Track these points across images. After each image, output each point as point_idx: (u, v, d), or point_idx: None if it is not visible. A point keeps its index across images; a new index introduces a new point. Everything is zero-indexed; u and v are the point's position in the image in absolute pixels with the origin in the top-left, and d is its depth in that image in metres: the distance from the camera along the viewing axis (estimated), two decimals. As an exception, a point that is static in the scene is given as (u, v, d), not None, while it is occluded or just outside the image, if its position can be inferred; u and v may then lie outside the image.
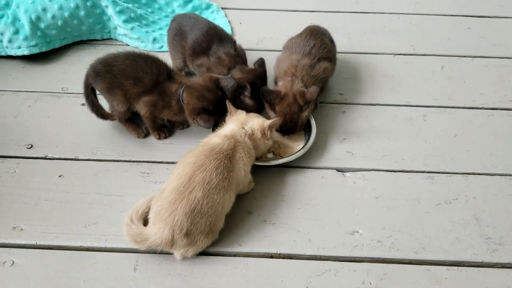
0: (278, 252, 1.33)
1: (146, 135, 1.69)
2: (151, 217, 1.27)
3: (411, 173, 1.56)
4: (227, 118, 1.50)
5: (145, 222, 1.30)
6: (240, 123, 1.44)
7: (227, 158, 1.31)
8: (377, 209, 1.44)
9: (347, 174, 1.55)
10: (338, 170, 1.57)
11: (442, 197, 1.47)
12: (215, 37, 1.70)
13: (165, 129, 1.68)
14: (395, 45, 2.14)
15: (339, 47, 1.94)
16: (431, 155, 1.61)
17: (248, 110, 1.54)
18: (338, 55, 1.93)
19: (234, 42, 1.75)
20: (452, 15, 2.34)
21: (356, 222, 1.41)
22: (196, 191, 1.23)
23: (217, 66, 1.66)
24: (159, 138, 1.67)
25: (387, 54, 2.09)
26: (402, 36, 2.20)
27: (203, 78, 1.56)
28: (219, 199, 1.26)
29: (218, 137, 1.38)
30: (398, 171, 1.56)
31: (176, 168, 1.31)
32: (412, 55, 2.09)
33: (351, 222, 1.41)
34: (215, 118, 1.53)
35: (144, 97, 1.55)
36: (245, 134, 1.41)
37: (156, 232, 1.23)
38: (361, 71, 1.99)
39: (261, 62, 1.68)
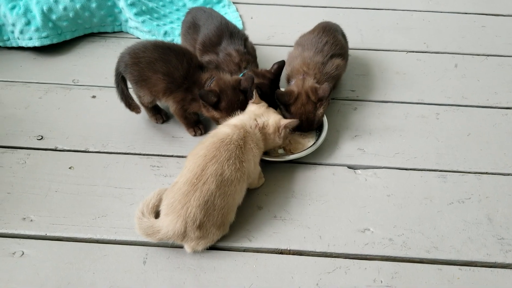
0: (288, 248, 1.32)
1: (164, 121, 1.69)
2: (163, 209, 1.26)
3: (423, 171, 1.54)
4: (250, 103, 1.49)
5: (156, 215, 1.30)
6: (254, 115, 1.43)
7: (238, 148, 1.30)
8: (389, 207, 1.43)
9: (359, 171, 1.54)
10: (350, 167, 1.55)
11: (455, 196, 1.46)
12: (226, 33, 1.69)
13: (201, 125, 1.66)
14: (408, 42, 2.12)
15: (351, 43, 1.92)
16: (444, 154, 1.59)
17: None
18: (350, 52, 1.92)
19: (245, 39, 1.73)
20: (466, 13, 2.31)
21: (367, 219, 1.39)
22: (209, 182, 1.22)
23: (227, 63, 1.64)
24: (195, 135, 1.65)
25: (400, 51, 2.07)
26: (415, 34, 2.18)
27: (233, 77, 1.54)
28: (231, 190, 1.26)
29: (228, 127, 1.37)
30: (410, 169, 1.55)
31: (187, 161, 1.31)
32: (425, 52, 2.06)
33: (362, 220, 1.39)
34: (224, 118, 1.50)
35: (174, 93, 1.53)
36: (256, 126, 1.40)
37: (169, 224, 1.22)
38: (374, 68, 1.97)
39: (281, 65, 1.63)
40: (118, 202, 1.43)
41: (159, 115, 1.68)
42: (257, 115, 1.44)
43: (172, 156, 1.58)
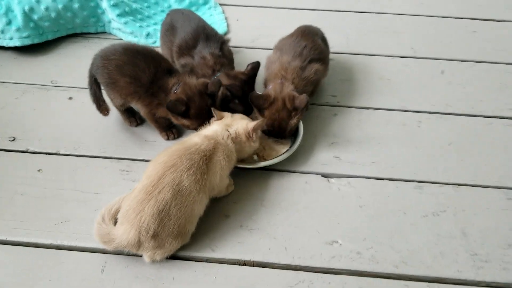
0: (252, 260, 1.27)
1: (138, 124, 1.67)
2: (119, 217, 1.23)
3: (399, 181, 1.49)
4: (213, 121, 1.45)
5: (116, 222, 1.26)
6: (225, 125, 1.39)
7: (202, 159, 1.26)
8: (360, 218, 1.38)
9: (332, 180, 1.49)
10: (323, 175, 1.51)
11: (430, 209, 1.40)
12: (202, 36, 1.65)
13: (174, 130, 1.62)
14: (395, 47, 2.06)
15: (337, 47, 1.88)
16: (422, 164, 1.54)
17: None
18: (334, 56, 1.88)
19: (222, 42, 1.69)
20: (457, 18, 2.25)
21: (337, 231, 1.34)
22: (165, 191, 1.19)
23: (201, 66, 1.61)
24: (168, 139, 1.62)
25: (386, 56, 2.02)
26: (403, 38, 2.12)
27: (199, 81, 1.50)
28: (189, 201, 1.21)
29: (198, 137, 1.34)
30: (386, 179, 1.50)
31: (148, 167, 1.27)
32: (412, 58, 2.01)
33: (331, 231, 1.34)
34: (194, 125, 1.48)
35: (142, 97, 1.50)
36: (228, 136, 1.36)
37: (123, 233, 1.19)
38: (357, 73, 1.92)
39: (255, 66, 1.60)
40: (83, 207, 1.40)
41: (133, 118, 1.66)
42: (228, 125, 1.40)
43: (142, 160, 1.55)
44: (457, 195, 1.44)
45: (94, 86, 1.57)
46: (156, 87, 1.48)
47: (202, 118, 1.46)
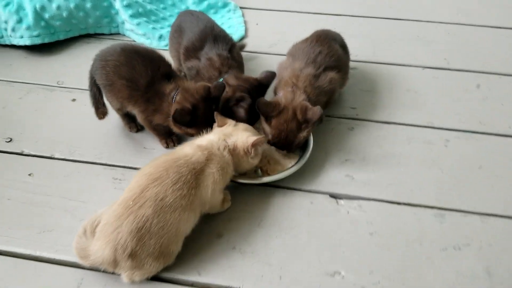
0: None
1: (138, 130, 1.58)
2: (97, 231, 1.12)
3: (418, 207, 1.31)
4: (215, 127, 1.33)
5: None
6: (223, 134, 1.27)
7: (191, 173, 1.14)
8: (369, 248, 1.22)
9: (341, 201, 1.34)
10: (332, 195, 1.35)
11: (451, 241, 1.22)
12: (210, 37, 1.54)
13: (174, 137, 1.53)
14: (427, 57, 1.88)
15: (362, 55, 1.72)
16: (447, 188, 1.36)
17: (238, 121, 1.36)
18: (358, 64, 1.73)
19: (232, 45, 1.58)
20: (498, 27, 2.04)
21: (340, 261, 1.19)
22: (146, 207, 1.07)
23: (207, 68, 1.49)
24: (167, 147, 1.52)
25: (415, 66, 1.84)
26: (436, 48, 1.94)
27: (200, 86, 1.39)
28: (173, 219, 1.09)
29: (190, 147, 1.22)
30: (403, 204, 1.33)
31: (134, 178, 1.16)
32: (444, 69, 1.82)
33: (334, 261, 1.19)
34: (197, 131, 1.36)
35: (138, 102, 1.41)
36: (225, 147, 1.24)
37: (98, 250, 1.08)
38: (382, 84, 1.75)
39: (269, 75, 1.47)
40: (68, 216, 1.31)
41: (133, 123, 1.56)
42: (227, 134, 1.27)
43: (138, 168, 1.43)
44: (483, 227, 1.26)
45: (94, 88, 1.48)
46: (152, 92, 1.37)
47: (208, 125, 1.35)
